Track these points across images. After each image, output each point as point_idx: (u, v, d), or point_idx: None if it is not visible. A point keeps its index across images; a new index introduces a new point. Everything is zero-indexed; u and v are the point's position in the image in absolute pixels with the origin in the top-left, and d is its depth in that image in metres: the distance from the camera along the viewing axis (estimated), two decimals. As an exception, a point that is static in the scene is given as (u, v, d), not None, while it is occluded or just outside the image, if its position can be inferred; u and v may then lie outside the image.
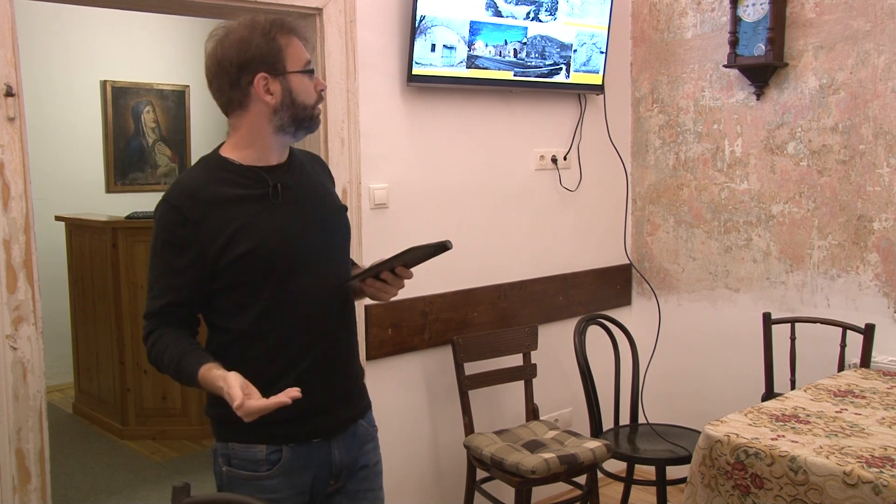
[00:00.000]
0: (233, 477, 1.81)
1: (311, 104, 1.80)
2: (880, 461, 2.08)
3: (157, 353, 1.76)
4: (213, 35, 1.80)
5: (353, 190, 2.95)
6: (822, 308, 3.38)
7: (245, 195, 1.76)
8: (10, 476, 2.33)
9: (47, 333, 2.51)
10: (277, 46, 1.75)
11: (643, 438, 3.29)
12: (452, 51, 3.10)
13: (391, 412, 3.14)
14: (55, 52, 5.55)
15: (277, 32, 1.76)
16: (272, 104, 1.76)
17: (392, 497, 3.15)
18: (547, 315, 3.63)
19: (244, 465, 1.80)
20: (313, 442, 1.83)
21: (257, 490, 1.78)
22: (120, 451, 4.48)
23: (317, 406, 1.80)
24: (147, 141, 6.02)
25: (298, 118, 1.79)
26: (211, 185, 1.76)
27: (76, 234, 4.96)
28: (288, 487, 1.80)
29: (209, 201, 1.74)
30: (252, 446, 1.79)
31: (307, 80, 1.79)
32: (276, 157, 1.83)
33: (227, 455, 1.81)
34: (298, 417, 1.76)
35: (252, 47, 1.74)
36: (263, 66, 1.75)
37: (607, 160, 3.86)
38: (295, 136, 1.83)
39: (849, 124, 3.25)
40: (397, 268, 1.82)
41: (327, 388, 1.84)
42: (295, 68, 1.77)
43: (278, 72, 1.76)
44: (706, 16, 3.65)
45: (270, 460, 1.79)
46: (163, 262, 1.76)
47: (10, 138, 2.30)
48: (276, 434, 1.78)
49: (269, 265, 1.74)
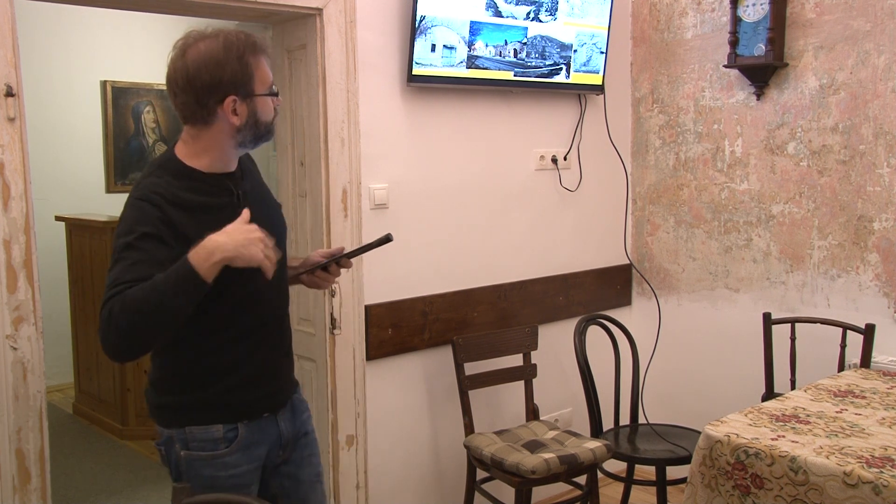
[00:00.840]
0: (192, 459, 1.88)
1: (270, 120, 1.88)
2: (880, 461, 2.08)
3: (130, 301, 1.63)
4: (183, 46, 1.81)
5: (353, 190, 2.95)
6: (822, 308, 3.38)
7: (213, 203, 1.84)
8: (10, 476, 2.33)
9: (47, 333, 2.50)
10: (249, 70, 1.80)
11: (643, 438, 3.29)
12: (452, 51, 3.10)
13: (391, 412, 3.14)
14: (55, 52, 5.55)
15: (249, 54, 1.80)
16: (237, 124, 1.82)
17: (392, 497, 3.17)
18: (547, 315, 3.63)
19: (203, 445, 1.88)
20: (263, 417, 1.95)
21: (218, 468, 1.88)
22: (120, 451, 4.48)
23: (268, 390, 1.97)
24: (147, 141, 6.02)
25: (258, 134, 1.87)
26: (182, 192, 1.80)
27: (76, 234, 4.96)
28: (246, 462, 1.92)
29: (183, 208, 1.79)
30: (210, 427, 1.87)
31: (268, 100, 1.86)
32: (232, 165, 1.91)
33: (184, 440, 1.88)
34: (255, 399, 1.93)
35: (226, 71, 1.77)
36: (233, 90, 1.79)
37: (607, 160, 3.86)
38: (253, 146, 1.91)
39: (849, 124, 3.25)
40: (342, 260, 2.04)
41: (278, 371, 2.01)
42: (262, 91, 1.83)
43: (247, 94, 1.81)
44: (706, 16, 3.65)
45: (228, 438, 1.89)
46: (140, 251, 1.71)
47: (10, 138, 2.30)
48: (231, 413, 1.90)
49: (237, 269, 1.74)
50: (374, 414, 3.09)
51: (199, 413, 1.87)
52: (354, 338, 2.99)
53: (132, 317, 1.64)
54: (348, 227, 2.94)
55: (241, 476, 1.90)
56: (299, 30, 2.92)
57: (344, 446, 3.00)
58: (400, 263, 3.12)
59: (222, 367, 1.87)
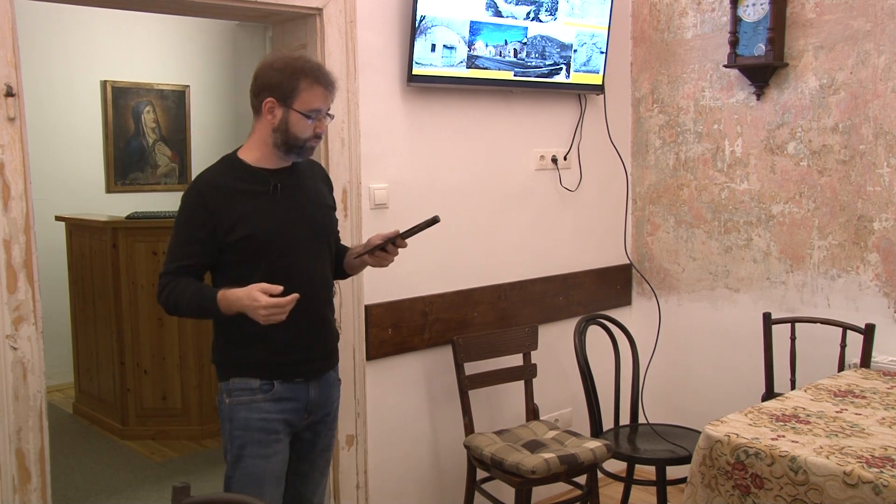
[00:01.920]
0: (234, 405, 2.25)
1: (303, 138, 2.24)
2: (880, 461, 2.08)
3: (177, 294, 2.19)
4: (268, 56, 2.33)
5: (353, 190, 2.95)
6: (822, 308, 3.38)
7: (250, 190, 2.23)
8: (10, 476, 2.34)
9: (47, 333, 2.51)
10: (297, 87, 2.20)
11: (643, 438, 3.29)
12: (452, 51, 3.10)
13: (391, 412, 3.14)
14: (55, 52, 5.55)
15: (303, 77, 2.20)
16: (272, 124, 2.23)
17: (392, 497, 3.17)
18: (547, 315, 3.63)
19: (243, 393, 2.25)
20: (297, 381, 2.30)
21: (254, 411, 2.24)
22: (120, 451, 4.47)
23: (302, 357, 2.30)
24: (147, 141, 6.02)
25: (289, 144, 2.24)
26: (225, 179, 2.24)
27: (76, 234, 4.96)
28: (277, 412, 2.26)
29: (223, 192, 2.21)
30: (249, 379, 2.25)
31: (306, 121, 2.22)
32: (277, 163, 2.28)
33: (229, 390, 2.26)
34: (287, 363, 2.28)
35: (275, 78, 2.20)
36: (275, 94, 2.21)
37: (607, 160, 3.86)
38: (286, 155, 2.27)
39: (849, 124, 3.25)
40: (397, 240, 2.34)
41: (309, 345, 2.32)
42: (300, 109, 2.21)
43: (285, 104, 2.21)
44: (706, 16, 3.65)
45: (263, 389, 2.25)
46: (185, 231, 2.22)
47: (10, 138, 2.30)
48: (269, 371, 2.26)
49: (263, 247, 2.21)
50: (374, 414, 3.09)
51: (240, 368, 2.26)
52: (354, 338, 2.99)
53: (172, 308, 2.23)
54: (348, 227, 2.94)
55: (270, 421, 2.25)
56: (299, 30, 2.92)
57: (344, 446, 3.00)
58: (400, 263, 3.09)
59: (257, 335, 2.19)
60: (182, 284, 2.20)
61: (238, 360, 2.27)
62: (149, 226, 4.53)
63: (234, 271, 2.22)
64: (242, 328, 2.19)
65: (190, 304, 2.19)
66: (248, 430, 2.23)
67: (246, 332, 2.21)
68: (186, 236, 2.22)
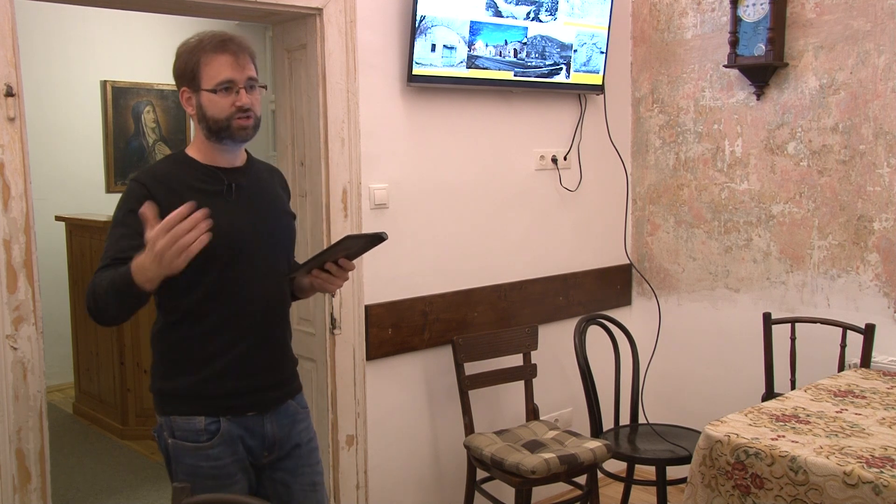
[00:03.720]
0: (178, 448, 1.98)
1: (222, 118, 1.95)
2: (880, 461, 2.08)
3: (94, 286, 1.86)
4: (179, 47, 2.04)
5: (353, 190, 2.95)
6: (822, 308, 3.38)
7: (202, 188, 1.97)
8: (10, 476, 2.33)
9: (47, 333, 2.51)
10: (196, 65, 1.95)
11: (643, 438, 3.29)
12: (452, 51, 3.10)
13: (391, 412, 3.14)
14: (55, 52, 5.55)
15: (202, 52, 1.95)
16: (194, 116, 2.00)
17: (392, 497, 3.17)
18: (547, 315, 3.63)
19: (187, 435, 1.97)
20: (248, 415, 2.02)
21: (202, 458, 1.96)
22: (120, 451, 4.48)
23: (251, 385, 2.02)
24: (147, 141, 6.02)
25: (212, 129, 1.97)
26: (175, 174, 1.99)
27: (76, 234, 4.96)
28: (229, 454, 1.98)
29: (171, 187, 1.94)
30: (192, 418, 1.97)
31: (217, 97, 1.94)
32: (226, 161, 2.03)
33: (170, 427, 1.98)
34: (235, 394, 1.99)
35: (180, 64, 1.99)
36: (185, 82, 1.98)
37: (607, 160, 3.86)
38: (221, 144, 2.00)
39: (849, 124, 3.25)
40: (340, 260, 2.02)
41: (261, 370, 2.04)
42: (207, 87, 1.94)
43: (195, 88, 1.97)
44: (706, 16, 3.65)
45: (210, 430, 1.97)
46: (124, 226, 1.91)
47: (10, 138, 2.30)
48: (214, 406, 1.98)
49: (213, 252, 1.85)
50: (374, 414, 3.09)
51: (182, 403, 1.98)
52: (354, 338, 2.99)
53: (92, 303, 1.88)
54: (348, 228, 2.94)
55: (223, 468, 1.97)
56: (299, 30, 2.92)
57: (344, 446, 3.00)
58: (400, 263, 3.12)
59: (199, 357, 1.95)
60: (101, 275, 1.86)
61: (177, 392, 1.97)
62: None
63: (174, 279, 1.83)
64: (182, 352, 1.94)
65: (108, 291, 1.82)
66: (199, 478, 1.93)
67: (186, 357, 1.95)
68: (126, 231, 1.90)
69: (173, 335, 1.99)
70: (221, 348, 1.96)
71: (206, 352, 1.96)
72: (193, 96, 1.97)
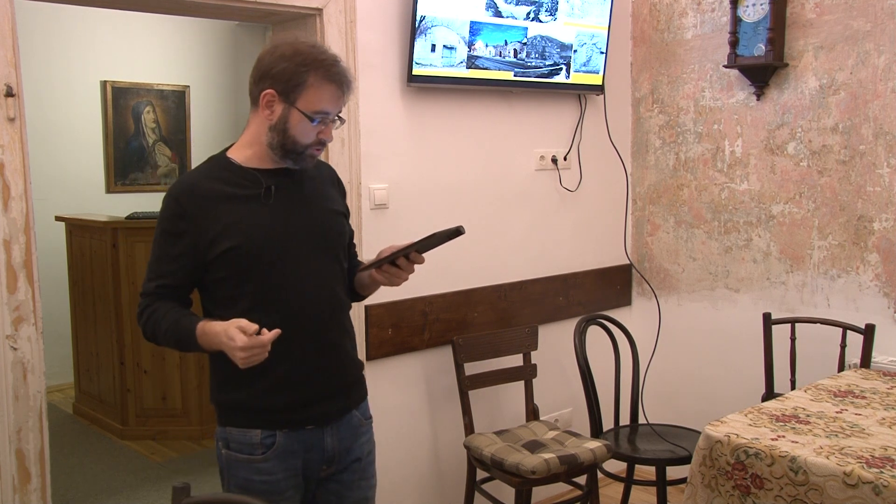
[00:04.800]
0: (231, 459, 1.94)
1: (303, 143, 1.89)
2: (880, 461, 2.08)
3: (154, 322, 1.89)
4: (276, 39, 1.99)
5: (353, 190, 2.95)
6: (822, 308, 3.38)
7: (238, 194, 1.90)
8: (10, 476, 2.33)
9: (47, 333, 2.50)
10: (303, 81, 1.85)
11: (643, 438, 3.29)
12: (452, 51, 3.10)
13: (391, 412, 3.14)
14: (55, 52, 5.55)
15: (313, 70, 1.85)
16: (269, 121, 1.89)
17: (392, 497, 3.16)
18: (547, 315, 3.63)
19: (241, 448, 1.92)
20: (307, 428, 1.95)
21: (254, 472, 1.91)
22: (120, 451, 4.47)
23: (309, 396, 1.94)
24: (147, 141, 6.02)
25: (286, 147, 1.89)
26: (209, 182, 1.90)
27: (76, 235, 4.96)
28: (282, 470, 1.93)
29: (205, 197, 1.88)
30: (248, 431, 1.92)
31: (309, 123, 1.87)
32: (274, 163, 1.94)
33: (226, 439, 1.94)
34: (292, 406, 1.92)
35: (280, 67, 1.86)
36: (277, 86, 1.86)
37: (607, 160, 3.86)
38: (282, 160, 1.92)
39: (849, 124, 3.25)
40: (412, 254, 1.95)
41: (318, 379, 1.96)
42: (303, 108, 1.86)
43: (287, 99, 1.86)
44: (706, 16, 3.65)
45: (265, 444, 1.91)
46: (160, 248, 1.92)
47: (10, 138, 2.30)
48: (271, 420, 1.92)
49: (253, 260, 1.87)
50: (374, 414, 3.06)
51: (239, 415, 1.94)
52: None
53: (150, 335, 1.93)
54: (348, 227, 2.94)
55: (274, 483, 1.92)
56: (299, 30, 2.91)
57: (344, 446, 2.99)
58: (400, 263, 3.12)
59: (251, 371, 1.81)
60: (161, 311, 1.88)
61: (232, 405, 1.93)
62: (149, 226, 4.52)
63: (219, 291, 1.90)
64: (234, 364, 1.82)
65: (167, 336, 1.87)
66: (248, 492, 1.89)
67: (239, 369, 1.81)
68: (162, 252, 1.91)
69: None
70: (274, 359, 1.82)
71: (258, 366, 1.81)
72: (281, 106, 1.87)
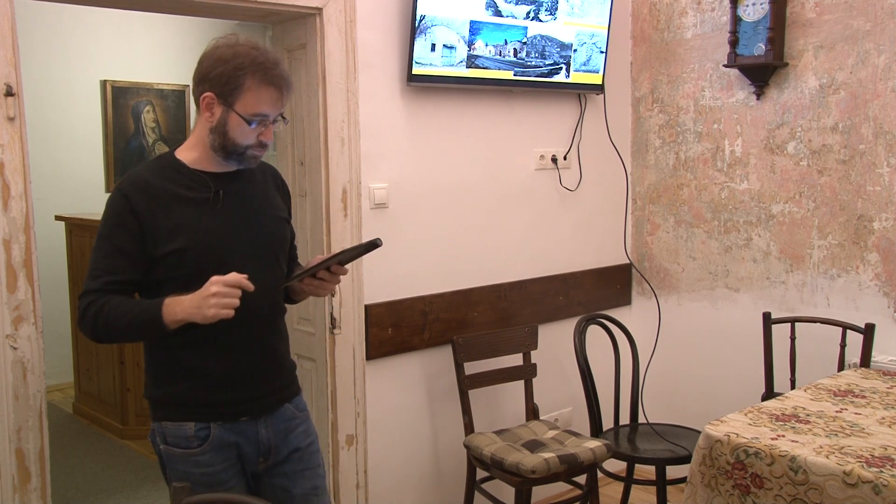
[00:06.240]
0: (170, 454, 1.97)
1: (242, 144, 1.92)
2: (880, 461, 2.08)
3: (108, 311, 1.86)
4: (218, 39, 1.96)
5: (353, 190, 2.95)
6: (822, 308, 3.38)
7: (188, 196, 1.93)
8: (10, 476, 2.34)
9: (47, 333, 2.51)
10: (240, 84, 1.88)
11: (643, 438, 3.29)
12: (452, 50, 3.10)
13: (391, 412, 3.14)
14: (55, 52, 5.55)
15: (251, 73, 1.88)
16: (209, 123, 1.93)
17: (392, 497, 3.17)
18: (547, 315, 3.63)
19: (177, 441, 1.96)
20: (241, 420, 1.99)
21: (192, 465, 1.94)
22: (120, 451, 4.47)
23: (244, 395, 1.99)
24: (147, 141, 6.02)
25: (227, 148, 1.93)
26: (160, 181, 1.93)
27: (76, 234, 4.96)
28: (221, 461, 1.96)
29: (155, 196, 1.90)
30: (182, 424, 1.95)
31: (247, 126, 1.90)
32: (220, 166, 1.98)
33: (162, 433, 1.98)
34: (227, 401, 1.96)
35: (218, 70, 1.89)
36: (215, 89, 1.89)
37: (607, 160, 3.86)
38: (225, 161, 1.96)
39: (849, 124, 3.25)
40: (332, 266, 2.00)
41: (255, 380, 2.00)
42: (241, 111, 1.89)
43: (226, 102, 1.90)
44: (706, 15, 3.65)
45: (200, 436, 1.95)
46: (110, 243, 1.90)
47: (10, 138, 2.30)
48: (205, 413, 1.95)
49: (199, 263, 1.89)
50: (374, 414, 3.09)
51: (172, 409, 1.96)
52: (354, 337, 2.99)
53: (102, 329, 1.88)
54: (348, 227, 2.94)
55: (214, 475, 1.95)
56: (299, 29, 2.92)
57: (344, 446, 3.00)
58: (400, 263, 3.12)
59: (191, 367, 1.93)
60: (115, 300, 1.87)
61: (168, 399, 1.96)
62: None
63: (161, 292, 1.88)
64: (174, 359, 1.93)
65: (126, 318, 1.85)
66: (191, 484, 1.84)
67: (178, 365, 1.93)
68: (111, 248, 1.90)
69: (164, 343, 1.94)
70: (213, 358, 1.93)
71: (198, 361, 1.93)
72: (219, 108, 1.90)
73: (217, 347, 1.93)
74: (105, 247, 1.91)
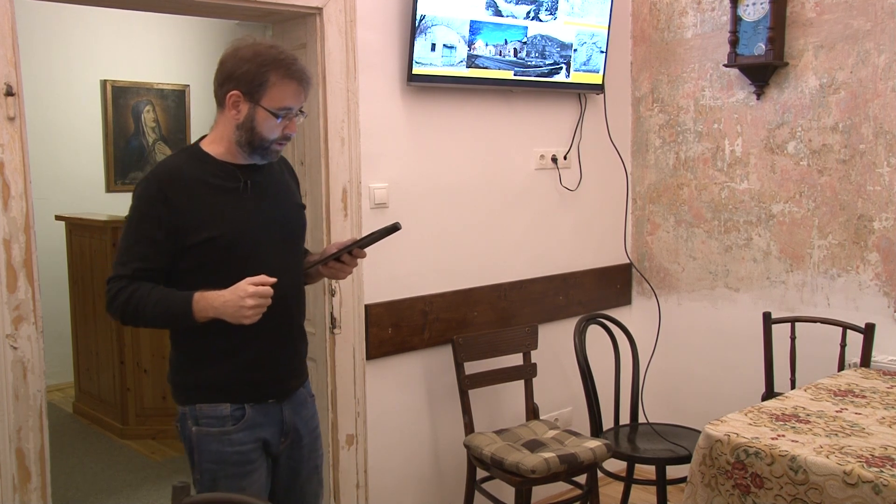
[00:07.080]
0: (202, 435, 2.03)
1: (269, 138, 2.01)
2: (880, 461, 2.08)
3: (139, 297, 1.94)
4: (236, 41, 2.06)
5: (353, 190, 2.95)
6: (822, 308, 3.38)
7: (219, 186, 2.01)
8: (10, 476, 2.34)
9: (47, 333, 2.51)
10: (266, 80, 1.97)
11: (643, 438, 3.29)
12: (452, 50, 3.10)
13: (391, 412, 3.15)
14: (55, 52, 5.55)
15: (274, 70, 1.96)
16: (236, 120, 2.00)
17: (392, 496, 3.17)
18: (547, 315, 3.63)
19: (212, 422, 2.03)
20: (269, 402, 2.09)
21: (227, 444, 2.02)
22: (120, 450, 4.48)
23: (274, 374, 2.10)
24: (147, 140, 6.02)
25: (253, 143, 2.01)
26: (191, 171, 2.00)
27: (76, 234, 4.96)
28: (251, 440, 2.05)
29: (187, 185, 1.98)
30: (218, 405, 2.03)
31: (274, 120, 1.99)
32: (243, 159, 2.06)
33: (195, 416, 2.04)
34: (258, 382, 2.07)
35: (242, 69, 1.97)
36: (241, 87, 1.97)
37: (607, 160, 3.86)
38: (250, 157, 2.05)
39: (849, 124, 3.25)
40: (354, 250, 2.13)
41: (284, 360, 2.12)
42: (268, 106, 1.98)
43: (252, 98, 1.98)
44: (706, 15, 3.65)
45: (235, 416, 2.03)
46: (139, 231, 1.97)
47: (10, 138, 2.30)
48: (239, 394, 2.04)
49: (229, 251, 1.98)
50: (374, 413, 3.09)
51: (208, 392, 2.03)
52: (354, 337, 2.99)
53: (130, 315, 1.97)
54: (348, 227, 2.94)
55: (245, 454, 2.04)
56: (299, 29, 2.92)
57: (344, 446, 3.00)
58: (400, 263, 3.12)
59: (224, 351, 2.01)
60: (145, 287, 1.95)
61: (203, 382, 2.03)
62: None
63: (191, 280, 1.97)
64: (208, 344, 2.00)
65: (156, 309, 1.93)
66: (222, 464, 2.01)
67: (212, 349, 2.01)
68: (141, 235, 1.96)
69: (197, 331, 2.00)
70: (244, 342, 2.00)
71: (230, 345, 2.01)
72: (246, 105, 1.98)
73: (248, 332, 1.98)
74: (136, 234, 1.97)
